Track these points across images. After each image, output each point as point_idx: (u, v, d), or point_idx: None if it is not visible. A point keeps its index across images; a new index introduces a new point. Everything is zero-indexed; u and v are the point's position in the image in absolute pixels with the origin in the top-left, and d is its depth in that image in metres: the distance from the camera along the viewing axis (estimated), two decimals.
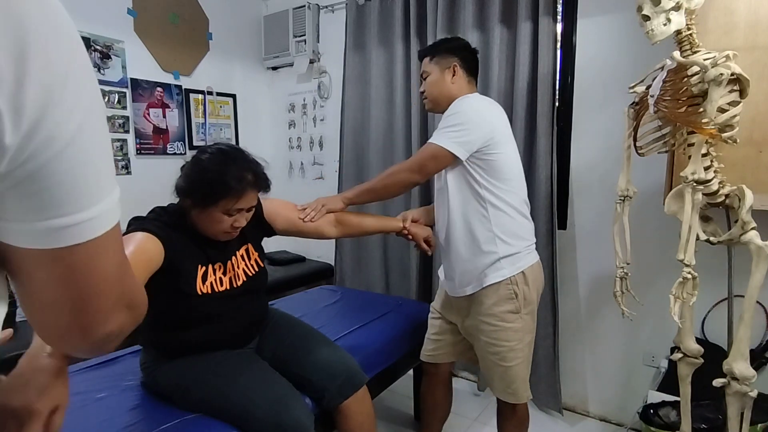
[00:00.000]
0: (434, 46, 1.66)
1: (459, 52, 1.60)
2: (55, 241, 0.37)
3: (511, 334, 1.50)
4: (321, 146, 3.10)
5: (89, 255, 0.40)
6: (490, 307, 1.50)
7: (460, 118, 1.47)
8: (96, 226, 0.39)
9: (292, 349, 1.47)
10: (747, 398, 1.23)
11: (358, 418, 1.43)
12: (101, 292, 0.43)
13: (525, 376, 1.55)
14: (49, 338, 0.47)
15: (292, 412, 1.23)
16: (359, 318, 1.96)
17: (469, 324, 1.59)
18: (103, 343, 0.47)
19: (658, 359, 2.00)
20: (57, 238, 0.37)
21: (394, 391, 2.15)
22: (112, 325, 0.46)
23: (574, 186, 2.18)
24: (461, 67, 1.58)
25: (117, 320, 0.46)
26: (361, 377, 1.46)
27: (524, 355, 1.53)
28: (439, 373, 1.78)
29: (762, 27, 1.45)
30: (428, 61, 1.62)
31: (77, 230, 0.38)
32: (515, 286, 1.48)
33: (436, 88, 1.59)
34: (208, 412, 1.25)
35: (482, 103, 1.54)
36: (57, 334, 0.45)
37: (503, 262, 1.49)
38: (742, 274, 1.30)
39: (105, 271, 0.42)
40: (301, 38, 2.96)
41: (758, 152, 1.47)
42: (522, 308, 1.50)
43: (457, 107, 1.50)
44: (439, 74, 1.59)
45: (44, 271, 0.39)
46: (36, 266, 0.39)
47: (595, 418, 2.22)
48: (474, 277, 1.52)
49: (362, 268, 2.78)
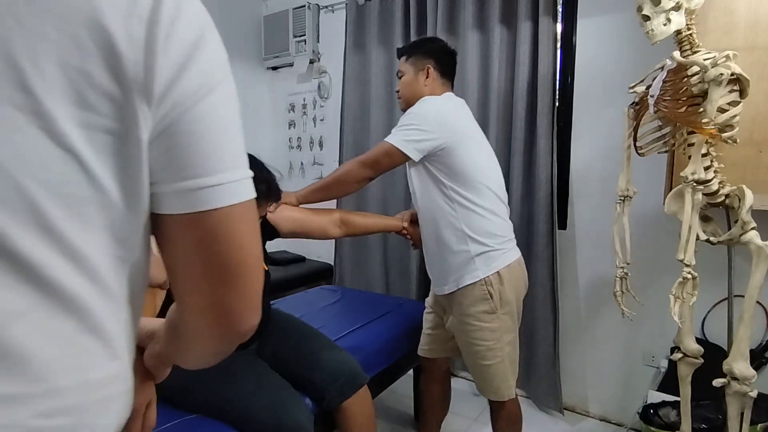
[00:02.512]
0: (411, 47, 1.67)
1: (435, 54, 1.61)
2: (195, 203, 0.40)
3: (488, 334, 1.50)
4: (321, 146, 3.10)
5: (225, 223, 0.42)
6: (467, 307, 1.51)
7: (416, 119, 1.48)
8: (229, 192, 0.41)
9: (293, 349, 1.47)
10: (747, 398, 1.23)
11: (358, 418, 1.43)
12: (246, 265, 0.44)
13: (505, 374, 1.54)
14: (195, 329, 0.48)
15: (291, 414, 1.23)
16: (359, 318, 1.96)
17: (451, 322, 1.60)
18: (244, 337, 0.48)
19: (658, 359, 2.00)
20: (197, 200, 0.40)
21: (394, 391, 2.15)
22: (258, 314, 0.47)
23: (574, 186, 2.18)
24: (435, 69, 1.58)
25: (259, 311, 0.47)
26: (361, 377, 1.47)
27: (504, 354, 1.51)
28: (435, 369, 1.78)
29: (762, 27, 1.45)
30: (404, 61, 1.62)
31: (211, 193, 0.40)
32: (489, 287, 1.47)
33: (409, 89, 1.60)
34: (208, 413, 1.25)
35: (444, 106, 1.53)
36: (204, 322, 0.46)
37: (477, 262, 1.47)
38: (742, 274, 1.30)
39: (246, 246, 0.44)
40: (301, 38, 2.96)
41: (758, 152, 1.47)
42: (498, 308, 1.48)
43: (416, 108, 1.51)
44: (413, 75, 1.60)
45: (185, 239, 0.42)
46: (178, 233, 0.42)
47: (595, 418, 2.22)
48: (450, 277, 1.52)
49: (362, 268, 2.78)
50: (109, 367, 0.43)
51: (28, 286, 0.36)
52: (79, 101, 0.34)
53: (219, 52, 0.42)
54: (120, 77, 0.35)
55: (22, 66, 0.33)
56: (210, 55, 0.40)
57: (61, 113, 0.34)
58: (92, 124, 0.35)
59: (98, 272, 0.39)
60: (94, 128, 0.36)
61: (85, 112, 0.35)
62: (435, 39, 1.77)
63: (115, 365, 0.44)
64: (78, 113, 0.35)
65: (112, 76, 0.35)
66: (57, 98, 0.34)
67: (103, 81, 0.35)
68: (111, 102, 0.36)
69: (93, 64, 0.34)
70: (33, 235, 0.35)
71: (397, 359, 1.83)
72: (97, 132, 0.36)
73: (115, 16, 0.35)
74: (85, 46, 0.34)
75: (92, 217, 0.38)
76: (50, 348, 0.38)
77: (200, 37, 0.40)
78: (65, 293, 0.38)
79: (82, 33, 0.34)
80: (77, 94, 0.34)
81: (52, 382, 0.38)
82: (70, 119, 0.34)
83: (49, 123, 0.34)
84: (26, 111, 0.33)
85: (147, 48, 0.36)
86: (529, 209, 2.16)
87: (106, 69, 0.35)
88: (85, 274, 0.38)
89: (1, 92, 0.33)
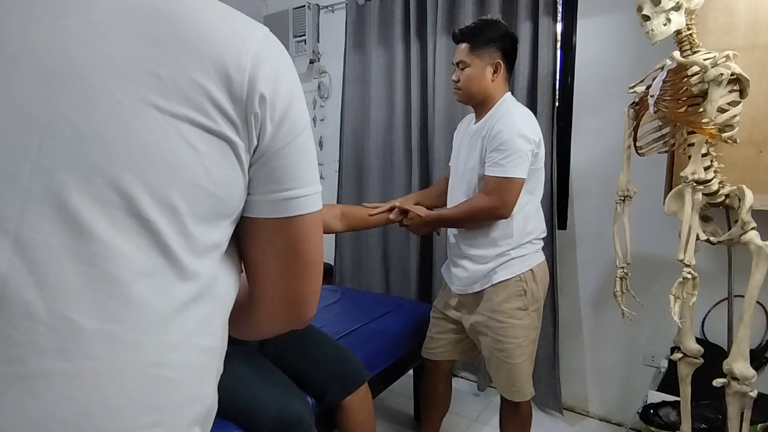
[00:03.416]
0: (474, 33, 1.51)
1: (502, 44, 1.50)
2: (285, 210, 0.52)
3: (518, 331, 1.52)
4: (321, 146, 3.10)
5: (309, 226, 0.54)
6: (499, 304, 1.52)
7: (525, 142, 1.45)
8: (310, 202, 0.53)
9: (294, 346, 1.47)
10: (747, 398, 1.23)
11: (359, 416, 1.44)
12: (315, 262, 0.56)
13: (529, 372, 1.57)
14: (271, 314, 0.60)
15: (293, 408, 1.24)
16: (359, 318, 1.96)
17: (476, 321, 1.59)
18: (307, 323, 0.61)
19: (658, 359, 2.00)
20: (287, 208, 0.52)
21: (394, 391, 2.15)
22: (317, 300, 0.59)
23: (574, 186, 2.18)
24: (505, 65, 1.51)
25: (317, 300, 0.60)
26: (363, 374, 1.47)
27: (529, 351, 1.56)
28: (440, 370, 1.78)
29: (762, 27, 1.45)
30: (467, 51, 1.49)
31: (301, 202, 0.52)
32: (524, 283, 1.52)
33: (475, 85, 1.50)
34: None
35: (530, 117, 1.54)
36: (280, 309, 0.58)
37: (514, 261, 1.52)
38: (742, 274, 1.30)
39: (318, 245, 0.56)
40: (301, 38, 2.96)
41: (758, 152, 1.47)
42: (530, 305, 1.53)
43: (515, 125, 1.45)
44: (480, 69, 1.49)
45: (276, 238, 0.53)
46: (270, 234, 0.53)
47: (595, 418, 2.22)
48: (483, 274, 1.54)
49: (362, 268, 2.78)
50: (209, 340, 0.51)
51: (155, 251, 0.44)
52: (200, 110, 0.45)
53: (304, 102, 0.54)
54: (231, 95, 0.46)
55: (164, 81, 0.44)
56: (301, 105, 0.53)
57: (187, 116, 0.45)
58: (208, 127, 0.46)
59: (202, 252, 0.48)
60: (210, 131, 0.46)
61: (204, 118, 0.45)
62: (497, 22, 1.56)
63: (213, 340, 0.52)
64: (199, 117, 0.45)
65: (225, 93, 0.46)
66: (185, 106, 0.45)
67: (218, 96, 0.46)
68: (223, 114, 0.46)
69: (212, 84, 0.46)
70: (160, 208, 0.44)
71: (397, 359, 1.83)
72: (211, 135, 0.46)
73: (230, 50, 0.47)
74: (208, 71, 0.45)
75: (201, 204, 0.47)
76: (168, 307, 0.45)
77: (297, 84, 0.53)
78: (181, 263, 0.46)
79: (206, 61, 0.46)
80: (200, 105, 0.45)
81: (168, 336, 0.45)
82: (193, 122, 0.45)
83: (178, 123, 0.44)
84: (164, 112, 0.44)
85: (251, 75, 0.47)
86: None
87: (221, 89, 0.46)
88: (193, 251, 0.47)
89: (147, 97, 0.43)
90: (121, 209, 0.42)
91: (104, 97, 0.43)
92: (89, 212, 0.41)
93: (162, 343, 0.45)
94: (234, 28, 0.49)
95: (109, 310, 0.42)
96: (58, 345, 0.40)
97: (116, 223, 0.42)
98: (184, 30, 0.46)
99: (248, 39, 0.49)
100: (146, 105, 0.43)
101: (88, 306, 0.41)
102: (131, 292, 0.43)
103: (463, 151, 1.62)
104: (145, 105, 0.43)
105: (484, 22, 1.56)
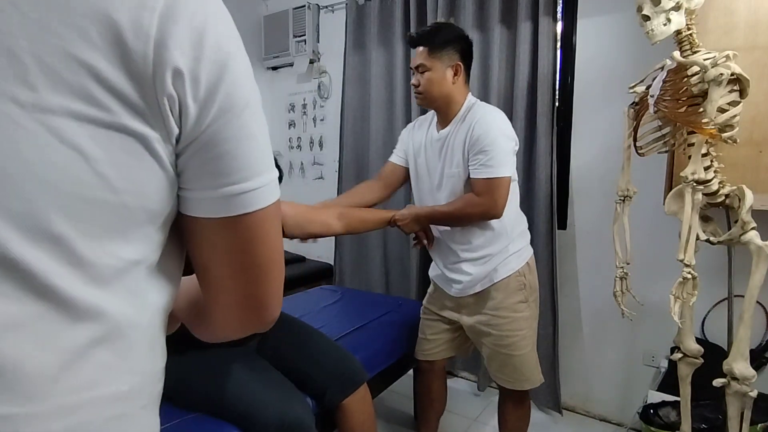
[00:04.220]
0: (431, 35, 1.49)
1: (459, 45, 1.50)
2: (228, 208, 0.42)
3: (522, 323, 1.56)
4: (321, 146, 3.10)
5: (260, 224, 0.44)
6: (502, 301, 1.54)
7: (507, 140, 1.49)
8: (262, 196, 0.43)
9: (293, 347, 1.47)
10: (747, 398, 1.23)
11: (359, 416, 1.43)
12: (274, 261, 0.47)
13: (536, 360, 1.62)
14: (225, 320, 0.50)
15: (293, 409, 1.23)
16: (359, 318, 1.96)
17: (477, 321, 1.60)
18: (268, 326, 0.51)
19: (658, 359, 2.00)
20: (229, 206, 0.42)
21: (394, 391, 2.15)
22: (281, 305, 0.51)
23: (574, 186, 2.18)
24: (464, 66, 1.51)
25: (281, 302, 0.51)
26: (362, 375, 1.47)
27: (533, 341, 1.61)
28: (435, 370, 1.79)
29: (762, 27, 1.45)
30: (426, 54, 1.48)
31: (246, 198, 0.42)
32: (523, 276, 1.56)
33: (436, 88, 1.49)
34: (208, 411, 1.25)
35: (505, 116, 1.55)
36: (235, 315, 0.49)
37: (512, 257, 1.56)
38: (742, 274, 1.30)
39: (274, 242, 0.46)
40: (301, 38, 2.96)
41: (758, 152, 1.47)
42: (529, 297, 1.57)
43: (496, 126, 1.47)
44: (440, 72, 1.48)
45: (222, 240, 0.43)
46: (214, 235, 0.43)
47: (595, 418, 2.22)
48: (486, 275, 1.55)
49: (362, 268, 2.78)
50: (124, 381, 0.40)
51: (28, 296, 0.34)
52: (85, 96, 0.33)
53: (247, 61, 0.43)
54: (129, 72, 0.34)
55: (23, 60, 0.31)
56: (240, 73, 0.41)
57: (65, 109, 0.32)
58: (99, 120, 0.34)
59: (108, 278, 0.37)
60: (102, 125, 0.34)
61: (92, 107, 0.33)
62: (452, 26, 1.56)
63: (132, 379, 0.41)
64: (84, 109, 0.33)
65: (121, 70, 0.34)
66: (61, 93, 0.32)
67: (109, 75, 0.33)
68: (120, 99, 0.34)
69: (99, 57, 0.33)
70: (32, 241, 0.33)
71: (397, 359, 1.83)
72: (106, 129, 0.34)
73: (123, 5, 0.33)
74: (91, 39, 0.32)
75: (99, 221, 0.36)
76: (54, 361, 0.35)
77: (233, 43, 0.41)
78: (75, 303, 0.35)
79: (88, 25, 0.32)
80: (83, 90, 0.33)
81: (57, 399, 0.35)
82: (74, 115, 0.33)
83: (52, 119, 0.32)
84: (28, 107, 0.31)
85: (158, 41, 0.34)
86: (529, 209, 2.16)
87: (114, 63, 0.33)
88: (93, 281, 0.36)
89: (0, 88, 0.31)
90: None
91: None
92: None
93: (50, 412, 0.35)
94: None
95: None
96: None
97: None
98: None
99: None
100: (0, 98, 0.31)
101: None
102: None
103: (432, 158, 1.59)
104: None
105: (439, 24, 1.58)
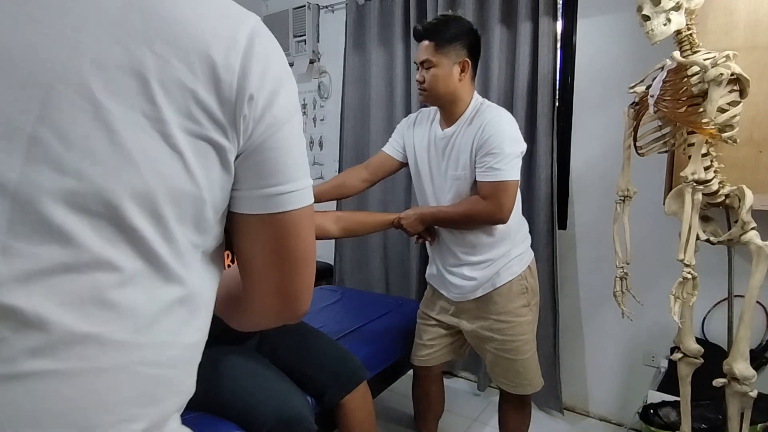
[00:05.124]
0: (438, 29, 1.42)
1: (467, 40, 1.43)
2: (270, 206, 0.51)
3: (525, 327, 1.55)
4: (321, 146, 3.10)
5: (297, 222, 0.53)
6: (505, 305, 1.53)
7: (516, 144, 1.44)
8: (295, 198, 0.52)
9: (293, 346, 1.47)
10: (747, 398, 1.23)
11: (359, 415, 1.44)
12: (306, 257, 0.56)
13: (537, 363, 1.61)
14: (262, 307, 0.59)
15: (291, 404, 1.24)
16: (359, 318, 1.96)
17: (479, 326, 1.58)
18: (300, 316, 0.60)
19: (658, 359, 2.00)
20: (268, 204, 0.51)
21: (394, 391, 2.15)
22: (310, 295, 0.59)
23: (574, 186, 2.18)
24: (471, 62, 1.46)
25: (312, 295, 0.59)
26: (362, 373, 1.47)
27: (534, 345, 1.60)
28: (433, 373, 1.77)
29: (762, 27, 1.45)
30: (432, 49, 1.41)
31: (282, 199, 0.51)
32: (525, 280, 1.55)
33: (442, 85, 1.43)
34: (207, 409, 1.25)
35: (513, 119, 1.51)
36: (270, 303, 0.58)
37: (514, 261, 1.54)
38: (742, 274, 1.30)
39: (308, 240, 0.55)
40: (301, 38, 2.96)
41: (758, 152, 1.47)
42: (531, 300, 1.56)
43: (506, 129, 1.43)
44: (446, 68, 1.42)
45: (262, 234, 0.53)
46: (256, 229, 0.53)
47: (595, 418, 2.22)
48: (488, 279, 1.53)
49: (362, 268, 2.78)
50: (194, 336, 0.52)
51: (139, 257, 0.44)
52: (187, 114, 0.45)
53: (294, 88, 0.53)
54: (219, 97, 0.46)
55: (151, 84, 0.43)
56: (286, 94, 0.51)
57: (175, 122, 0.44)
58: (194, 132, 0.45)
59: (184, 255, 0.48)
60: (196, 136, 0.45)
61: (192, 123, 0.45)
62: (461, 19, 1.49)
63: (198, 336, 0.52)
64: (186, 123, 0.45)
65: (213, 96, 0.45)
66: (173, 111, 0.44)
67: (205, 99, 0.45)
68: (210, 117, 0.46)
69: (200, 85, 0.45)
70: (146, 215, 0.44)
71: (397, 359, 1.83)
72: (198, 139, 0.46)
73: (219, 47, 0.46)
74: (195, 72, 0.44)
75: (185, 208, 0.47)
76: (154, 308, 0.46)
77: (285, 74, 0.51)
78: (166, 267, 0.46)
79: (195, 61, 0.44)
80: (187, 109, 0.44)
81: (157, 336, 0.47)
82: (180, 127, 0.44)
83: (165, 128, 0.44)
84: (152, 119, 0.43)
85: (241, 75, 0.46)
86: (529, 209, 2.16)
87: (209, 90, 0.45)
88: (176, 255, 0.47)
89: (134, 103, 0.43)
90: (107, 219, 0.43)
91: (90, 102, 0.41)
92: (75, 224, 0.42)
93: (148, 344, 0.46)
94: (224, 17, 0.48)
95: (96, 315, 0.43)
96: (48, 347, 0.41)
97: (102, 233, 0.43)
98: (170, 23, 0.44)
99: (238, 33, 0.47)
100: (133, 111, 0.43)
101: (76, 312, 0.42)
102: (117, 297, 0.44)
103: (435, 157, 1.55)
104: (132, 111, 0.43)
105: (447, 17, 1.49)
